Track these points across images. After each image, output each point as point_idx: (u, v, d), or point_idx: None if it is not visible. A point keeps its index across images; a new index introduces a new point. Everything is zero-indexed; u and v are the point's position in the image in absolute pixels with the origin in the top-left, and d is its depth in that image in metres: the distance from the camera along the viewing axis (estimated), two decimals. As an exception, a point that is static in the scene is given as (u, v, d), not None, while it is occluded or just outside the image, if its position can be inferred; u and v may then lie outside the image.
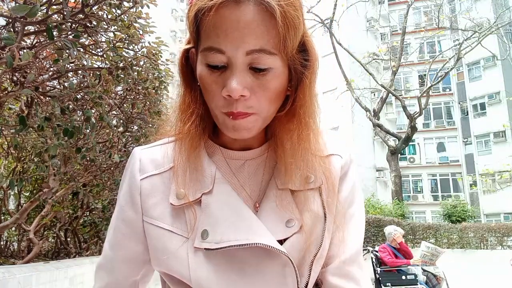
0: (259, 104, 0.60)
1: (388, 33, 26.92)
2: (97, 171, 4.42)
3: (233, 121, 0.60)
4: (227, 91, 0.57)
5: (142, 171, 0.68)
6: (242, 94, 0.57)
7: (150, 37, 3.79)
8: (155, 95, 4.25)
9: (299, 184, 0.66)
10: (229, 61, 0.57)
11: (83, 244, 5.85)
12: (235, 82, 0.57)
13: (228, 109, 0.59)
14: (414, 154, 26.65)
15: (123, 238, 0.68)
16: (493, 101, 23.57)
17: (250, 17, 0.55)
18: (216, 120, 0.63)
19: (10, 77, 2.82)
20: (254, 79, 0.58)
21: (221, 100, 0.59)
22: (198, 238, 0.62)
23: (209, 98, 0.61)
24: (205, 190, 0.64)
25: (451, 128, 26.06)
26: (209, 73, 0.59)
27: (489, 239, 14.15)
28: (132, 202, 0.67)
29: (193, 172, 0.65)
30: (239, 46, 0.56)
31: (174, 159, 0.67)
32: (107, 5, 2.86)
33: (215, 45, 0.57)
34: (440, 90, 25.58)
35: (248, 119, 0.60)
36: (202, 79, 0.60)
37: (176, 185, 0.65)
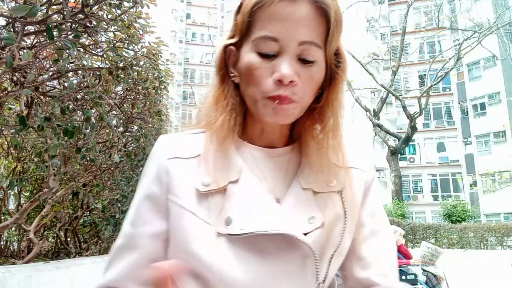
0: (303, 93, 0.64)
1: (388, 33, 26.92)
2: (97, 171, 4.42)
3: (276, 105, 0.63)
4: (280, 76, 0.62)
5: (169, 153, 0.69)
6: (292, 80, 0.62)
7: (150, 37, 3.79)
8: (155, 95, 4.25)
9: (321, 187, 0.68)
10: (281, 49, 0.63)
11: (83, 244, 5.85)
12: (288, 68, 0.62)
13: (276, 93, 0.62)
14: (414, 154, 26.65)
15: (147, 214, 0.67)
16: (493, 101, 23.56)
17: (304, 12, 0.62)
18: (254, 106, 0.66)
19: (10, 77, 2.82)
20: (302, 69, 0.64)
21: (269, 85, 0.63)
22: (221, 224, 0.63)
23: (255, 83, 0.64)
24: (232, 179, 0.65)
25: (451, 128, 26.06)
26: (259, 60, 0.64)
27: (489, 239, 14.15)
28: (158, 180, 0.67)
29: (221, 161, 0.67)
30: (293, 36, 0.62)
31: (203, 147, 0.68)
32: (107, 5, 2.86)
33: (271, 34, 0.62)
34: (440, 90, 25.58)
35: (290, 105, 0.64)
36: (251, 65, 0.64)
37: (203, 172, 0.66)
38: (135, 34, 3.36)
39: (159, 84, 4.22)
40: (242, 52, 0.67)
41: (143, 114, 4.23)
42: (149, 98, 4.18)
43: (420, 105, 14.96)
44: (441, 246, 13.87)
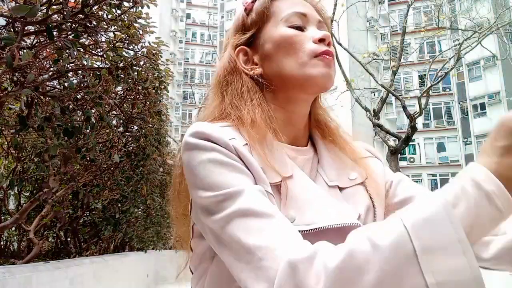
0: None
1: (388, 33, 26.92)
2: (97, 171, 4.42)
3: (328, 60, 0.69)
4: (323, 35, 0.70)
5: (224, 135, 0.61)
6: (330, 41, 0.71)
7: (150, 37, 3.79)
8: (155, 95, 4.25)
9: (345, 182, 0.70)
10: (309, 23, 0.72)
11: (83, 244, 5.85)
12: (323, 31, 0.72)
13: (323, 48, 0.69)
14: (414, 154, 26.65)
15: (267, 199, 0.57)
16: (493, 101, 23.56)
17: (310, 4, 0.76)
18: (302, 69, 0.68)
19: (10, 77, 2.82)
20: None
21: (313, 45, 0.69)
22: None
23: (298, 49, 0.69)
24: (286, 174, 0.63)
25: (451, 128, 26.06)
26: (293, 31, 0.71)
27: (489, 239, 14.15)
28: (238, 161, 0.59)
29: (270, 153, 0.64)
30: (315, 15, 0.74)
31: (246, 138, 0.64)
32: (107, 5, 2.86)
33: (300, 10, 0.72)
34: (440, 90, 25.58)
35: (333, 64, 0.70)
36: (288, 35, 0.70)
37: (258, 162, 0.61)
38: (135, 34, 3.36)
39: (159, 84, 4.22)
40: (266, 36, 0.72)
41: (143, 114, 4.23)
42: (149, 98, 4.18)
43: (420, 105, 14.97)
44: (441, 246, 13.85)
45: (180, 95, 34.53)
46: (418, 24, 25.14)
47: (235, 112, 0.67)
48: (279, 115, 0.71)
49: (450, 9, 23.79)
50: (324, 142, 0.75)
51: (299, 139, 0.73)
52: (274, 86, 0.71)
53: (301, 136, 0.74)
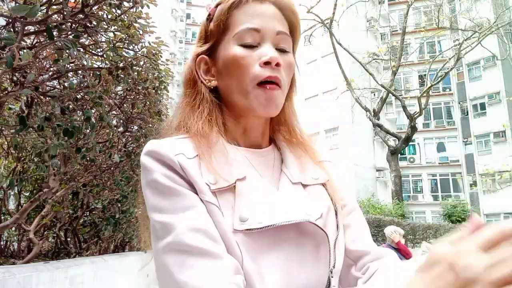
0: (285, 78, 0.70)
1: (388, 33, 26.92)
2: (97, 171, 4.42)
3: (269, 92, 0.67)
4: (269, 58, 0.67)
5: (171, 151, 0.65)
6: (278, 62, 0.68)
7: (150, 37, 3.79)
8: (155, 95, 4.25)
9: (308, 180, 0.73)
10: (262, 39, 0.70)
11: (83, 244, 5.85)
12: (273, 51, 0.68)
13: (266, 74, 0.67)
14: (414, 154, 26.65)
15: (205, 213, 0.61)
16: (493, 101, 23.57)
17: (273, 10, 0.72)
18: (245, 100, 0.68)
19: (10, 77, 2.82)
20: (281, 57, 0.70)
21: (258, 69, 0.67)
22: (236, 221, 0.62)
23: (243, 72, 0.68)
24: (239, 177, 0.66)
25: (451, 128, 26.06)
26: (243, 51, 0.69)
27: (489, 239, 14.11)
28: (179, 175, 0.63)
29: (220, 159, 0.67)
30: (271, 27, 0.70)
31: (197, 150, 0.67)
32: (107, 5, 2.86)
33: (253, 25, 0.69)
34: (440, 90, 25.59)
35: (279, 93, 0.68)
36: (237, 56, 0.69)
37: (207, 171, 0.64)
38: (135, 34, 3.36)
39: (159, 84, 4.22)
40: (221, 51, 0.72)
41: (143, 114, 4.23)
42: (149, 98, 4.18)
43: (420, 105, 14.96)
44: (441, 246, 13.82)
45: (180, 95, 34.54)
46: (418, 24, 25.14)
47: (187, 124, 0.71)
48: (233, 126, 0.74)
49: (450, 9, 23.78)
50: (288, 144, 0.78)
51: (258, 143, 0.76)
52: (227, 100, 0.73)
53: (259, 141, 0.76)
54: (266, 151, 0.76)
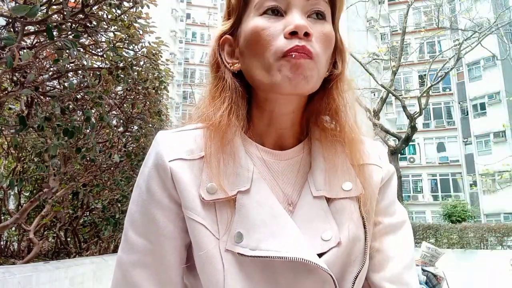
0: (319, 49, 0.57)
1: (388, 33, 26.92)
2: (97, 171, 4.42)
3: (294, 60, 0.54)
4: (294, 26, 0.54)
5: (169, 154, 0.59)
6: (307, 32, 0.55)
7: (150, 37, 3.79)
8: (155, 95, 4.25)
9: (335, 192, 0.60)
10: (289, 5, 0.57)
11: (83, 244, 5.85)
12: (299, 18, 0.55)
13: (293, 44, 0.54)
14: (414, 154, 26.65)
15: (167, 226, 0.57)
16: (493, 101, 23.56)
17: None
18: (268, 77, 0.56)
19: (10, 77, 2.82)
20: (313, 25, 0.57)
21: (281, 41, 0.55)
22: (230, 240, 0.55)
23: (264, 47, 0.56)
24: (242, 188, 0.57)
25: (451, 128, 26.05)
26: (265, 21, 0.57)
27: (489, 239, 14.14)
28: (164, 188, 0.58)
29: (228, 165, 0.58)
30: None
31: (205, 147, 0.59)
32: (107, 5, 2.86)
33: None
34: (440, 90, 25.58)
35: (310, 63, 0.55)
36: (257, 28, 0.57)
37: (208, 177, 0.57)
38: (135, 34, 3.36)
39: (159, 84, 4.22)
40: (243, 27, 0.61)
41: (143, 114, 4.23)
42: (149, 98, 4.18)
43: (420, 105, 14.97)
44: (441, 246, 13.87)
45: (180, 95, 34.54)
46: (418, 24, 25.14)
47: (205, 114, 0.61)
48: (257, 117, 0.63)
49: (450, 9, 23.78)
50: (324, 141, 0.63)
51: (284, 140, 0.64)
52: (251, 83, 0.62)
53: (287, 136, 0.64)
54: (293, 152, 0.63)
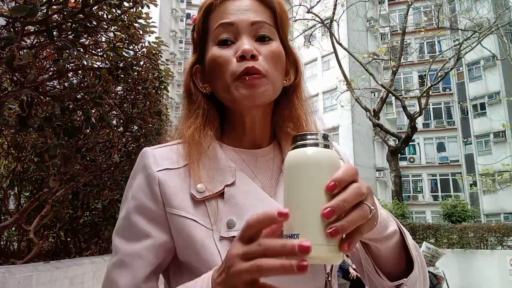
0: (267, 66, 0.67)
1: (388, 33, 26.91)
2: (97, 171, 4.42)
3: (248, 81, 0.65)
4: (241, 51, 0.65)
5: (156, 165, 0.67)
6: (253, 54, 0.65)
7: (150, 37, 3.79)
8: (155, 95, 4.25)
9: None
10: (238, 33, 0.68)
11: (83, 244, 5.85)
12: (246, 44, 0.66)
13: (243, 67, 0.65)
14: (414, 154, 26.65)
15: (146, 228, 0.65)
16: (493, 101, 23.57)
17: (249, 3, 0.70)
18: (229, 95, 0.67)
19: (10, 77, 2.82)
20: (261, 46, 0.68)
21: (234, 65, 0.66)
22: (223, 228, 0.62)
23: (222, 70, 0.67)
24: (227, 182, 0.66)
25: (451, 128, 26.06)
26: (219, 49, 0.68)
27: (489, 239, 14.14)
28: (151, 194, 0.66)
29: (210, 167, 0.67)
30: (245, 18, 0.68)
31: (187, 157, 0.68)
32: (107, 5, 2.86)
33: (225, 20, 0.69)
34: (440, 90, 25.58)
35: (261, 81, 0.66)
36: (214, 56, 0.69)
37: (195, 179, 0.65)
38: (135, 34, 3.36)
39: (159, 84, 4.22)
40: (206, 56, 0.72)
41: (143, 114, 4.23)
42: (149, 98, 4.18)
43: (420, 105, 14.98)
44: (441, 246, 13.86)
45: (180, 95, 34.56)
46: (418, 24, 25.14)
47: (182, 130, 0.72)
48: (233, 127, 0.73)
49: (450, 9, 23.78)
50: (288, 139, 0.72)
51: (258, 143, 0.74)
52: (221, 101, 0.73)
53: (260, 139, 0.74)
54: (266, 150, 0.74)
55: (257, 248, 0.43)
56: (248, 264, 0.43)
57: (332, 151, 0.46)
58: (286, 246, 0.41)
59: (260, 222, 0.44)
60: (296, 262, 0.40)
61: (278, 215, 0.42)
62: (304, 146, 0.45)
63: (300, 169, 0.44)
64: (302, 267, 0.40)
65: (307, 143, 0.45)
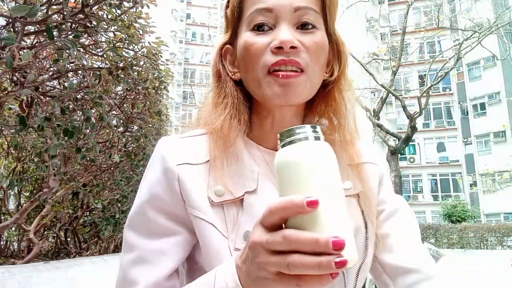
0: (309, 61, 0.59)
1: (388, 33, 26.92)
2: (97, 171, 4.42)
3: (282, 80, 0.57)
4: (279, 42, 0.57)
5: (176, 159, 0.61)
6: (293, 45, 0.57)
7: (150, 37, 3.79)
8: (155, 95, 4.25)
9: None
10: (277, 19, 0.59)
11: (83, 244, 5.85)
12: (286, 32, 0.57)
13: (278, 58, 0.57)
14: (414, 154, 26.66)
15: (168, 225, 0.59)
16: (493, 101, 23.57)
17: None
18: (259, 90, 0.60)
19: (10, 77, 2.82)
20: (303, 36, 0.59)
21: (269, 56, 0.58)
22: (240, 239, 0.57)
23: (254, 61, 0.59)
24: (248, 189, 0.59)
25: (451, 128, 26.06)
26: (255, 35, 0.60)
27: (489, 239, 14.16)
28: (171, 190, 0.59)
29: (233, 167, 0.61)
30: (287, 3, 0.59)
31: (210, 152, 0.62)
32: (107, 5, 2.86)
33: (262, 5, 0.59)
34: (440, 90, 25.59)
35: (298, 78, 0.58)
36: (247, 43, 0.60)
37: (215, 180, 0.59)
38: (135, 34, 3.36)
39: (159, 84, 4.22)
40: (238, 39, 0.64)
41: (143, 114, 4.23)
42: (149, 98, 4.18)
43: (420, 105, 15.00)
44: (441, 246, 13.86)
45: (180, 95, 34.52)
46: (418, 24, 25.14)
47: (208, 120, 0.64)
48: (260, 121, 0.66)
49: (450, 9, 23.79)
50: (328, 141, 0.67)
51: None
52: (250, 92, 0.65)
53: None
54: None
55: (282, 241, 0.38)
56: (276, 259, 0.39)
57: (324, 143, 0.43)
58: (318, 241, 0.36)
59: (284, 210, 0.39)
60: (334, 259, 0.36)
61: (307, 203, 0.37)
62: (293, 142, 0.42)
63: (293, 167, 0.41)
64: (342, 263, 0.36)
65: (295, 139, 0.42)
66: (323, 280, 0.38)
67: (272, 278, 0.40)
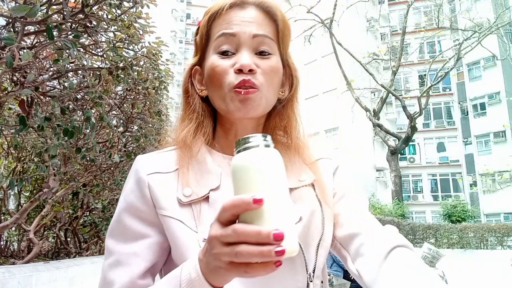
0: (264, 81, 0.69)
1: (388, 33, 26.92)
2: (97, 171, 4.42)
3: (242, 96, 0.67)
4: (239, 65, 0.67)
5: (147, 169, 0.70)
6: (251, 68, 0.67)
7: (150, 37, 3.79)
8: (155, 95, 4.25)
9: (294, 183, 0.72)
10: (239, 45, 0.70)
11: (83, 244, 5.85)
12: (246, 57, 0.68)
13: (239, 79, 0.67)
14: (414, 154, 26.66)
15: (140, 229, 0.67)
16: (493, 101, 23.57)
17: (254, 14, 0.71)
18: (224, 104, 0.69)
19: (10, 77, 2.82)
20: (260, 60, 0.70)
21: (231, 76, 0.68)
22: (206, 231, 0.61)
23: (219, 80, 0.69)
24: (212, 187, 0.68)
25: (451, 128, 26.07)
26: (220, 58, 0.70)
27: (489, 239, 14.16)
28: (142, 197, 0.68)
29: (198, 172, 0.70)
30: (247, 30, 0.69)
31: (179, 162, 0.71)
32: (107, 5, 2.86)
33: (227, 30, 0.70)
34: (440, 90, 25.59)
35: (255, 95, 0.68)
36: (213, 65, 0.70)
37: (183, 184, 0.68)
38: (135, 34, 3.36)
39: (159, 84, 4.22)
40: (206, 61, 0.74)
41: (143, 114, 4.23)
42: (149, 98, 4.18)
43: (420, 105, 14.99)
44: (441, 246, 13.87)
45: (180, 95, 34.55)
46: (418, 24, 25.13)
47: (176, 134, 0.74)
48: (224, 132, 0.76)
49: (450, 9, 23.80)
50: (283, 147, 0.76)
51: None
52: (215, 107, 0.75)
53: None
54: None
55: (232, 234, 0.45)
56: (228, 249, 0.45)
57: (272, 149, 0.49)
58: (261, 233, 0.43)
59: (234, 207, 0.45)
60: (275, 248, 0.42)
61: (253, 201, 0.44)
62: (246, 149, 0.48)
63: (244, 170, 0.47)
64: (281, 252, 0.42)
65: (248, 146, 0.49)
66: (267, 268, 0.44)
67: (225, 267, 0.46)
